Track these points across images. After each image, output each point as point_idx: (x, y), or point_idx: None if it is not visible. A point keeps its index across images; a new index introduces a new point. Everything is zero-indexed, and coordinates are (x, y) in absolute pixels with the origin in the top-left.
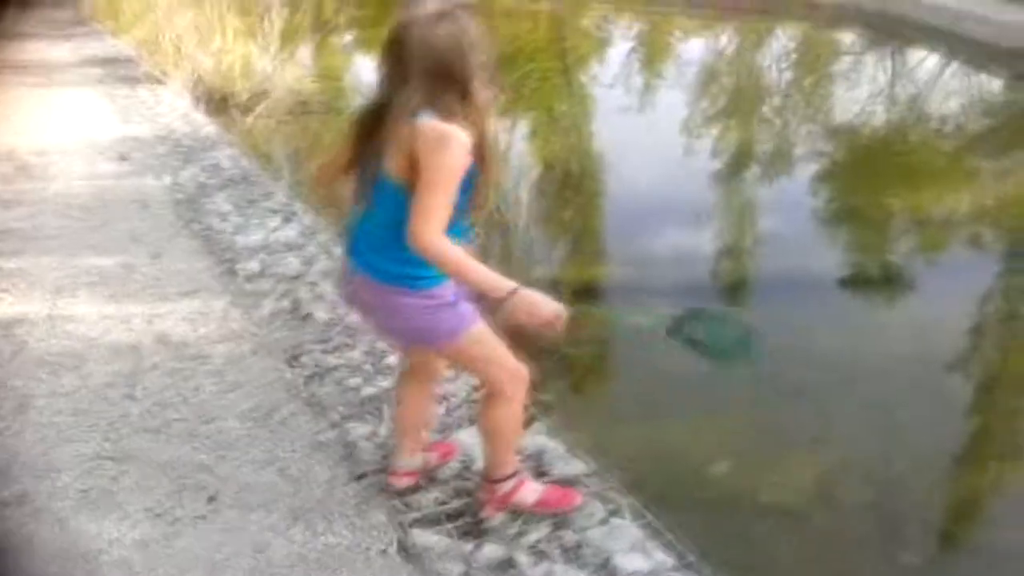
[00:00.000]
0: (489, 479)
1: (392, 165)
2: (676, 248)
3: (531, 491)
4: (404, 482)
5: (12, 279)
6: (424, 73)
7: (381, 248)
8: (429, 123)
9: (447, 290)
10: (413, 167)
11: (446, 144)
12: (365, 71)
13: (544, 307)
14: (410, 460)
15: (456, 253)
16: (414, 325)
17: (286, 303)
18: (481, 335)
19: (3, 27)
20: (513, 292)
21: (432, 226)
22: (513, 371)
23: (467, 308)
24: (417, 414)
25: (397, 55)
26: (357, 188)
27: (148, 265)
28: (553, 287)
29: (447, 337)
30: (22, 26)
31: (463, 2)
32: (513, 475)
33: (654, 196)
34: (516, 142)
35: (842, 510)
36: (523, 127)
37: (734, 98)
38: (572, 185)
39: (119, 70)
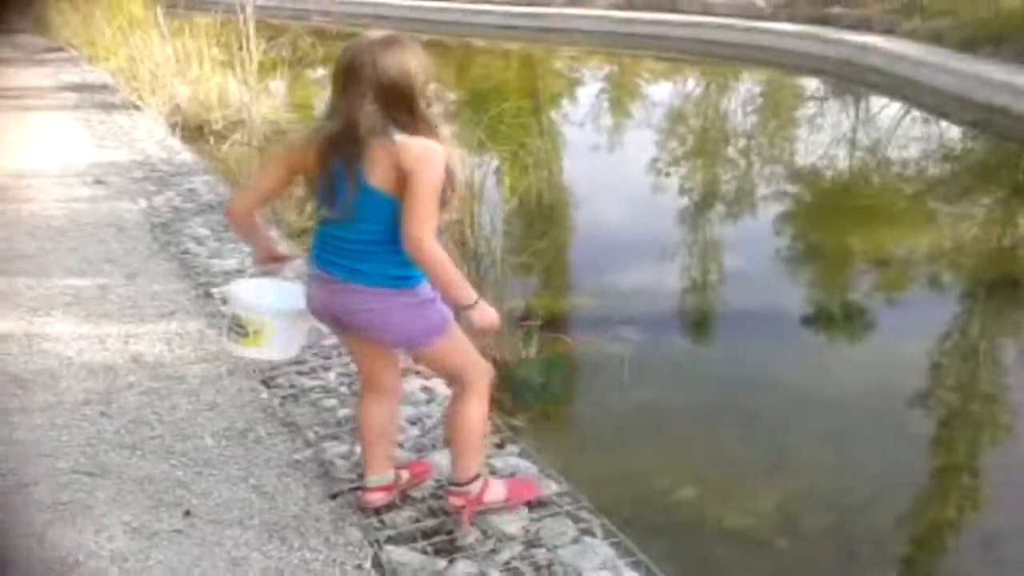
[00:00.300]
0: (457, 483)
1: (378, 179)
2: (642, 281)
3: (498, 488)
4: (377, 499)
5: None
6: (379, 95)
7: (370, 254)
8: (412, 140)
9: (427, 288)
10: (400, 180)
11: (433, 158)
12: None
13: (495, 318)
14: (380, 477)
15: (446, 256)
16: (402, 323)
17: None
18: (458, 332)
19: None
20: (478, 300)
21: (428, 231)
22: (483, 367)
23: (444, 306)
24: (380, 429)
25: (351, 79)
26: (332, 204)
27: (124, 286)
28: (523, 316)
29: (432, 334)
30: None
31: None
32: (476, 477)
33: (622, 231)
34: (489, 177)
35: (803, 536)
36: (496, 163)
37: (700, 139)
38: (543, 219)
39: (96, 96)
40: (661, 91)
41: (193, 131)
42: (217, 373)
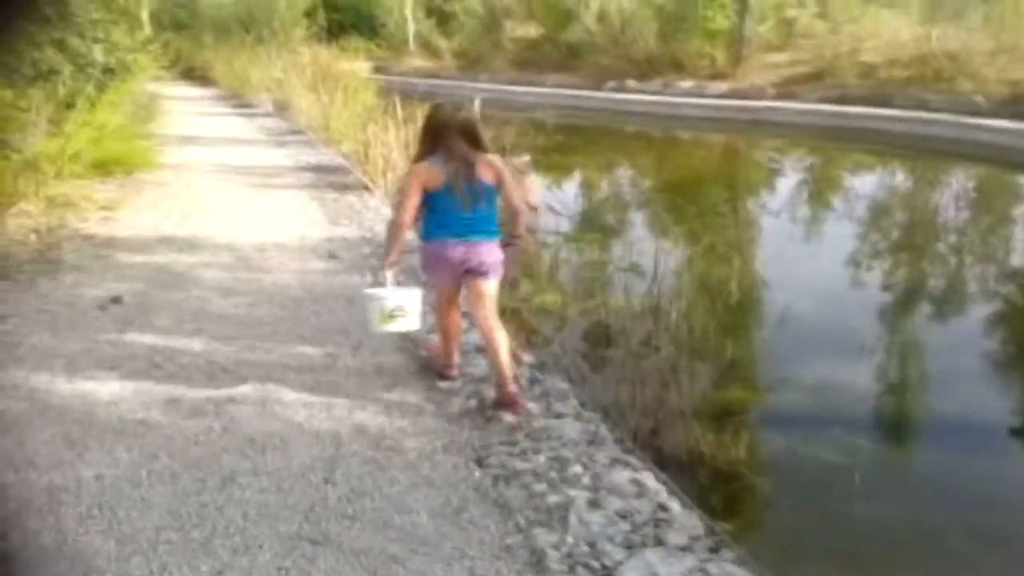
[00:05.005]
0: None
1: (490, 180)
2: (850, 380)
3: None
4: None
5: (226, 361)
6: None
7: (489, 221)
8: (493, 158)
9: None
10: (496, 178)
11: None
12: (543, 187)
13: None
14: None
15: None
16: (499, 259)
17: (474, 403)
18: None
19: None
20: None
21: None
22: None
23: None
24: (459, 332)
25: (460, 134)
26: (465, 201)
27: (350, 356)
28: (705, 406)
29: (501, 265)
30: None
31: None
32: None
33: (824, 326)
34: (684, 265)
35: None
36: (691, 251)
37: (905, 233)
38: (739, 310)
39: (330, 177)
40: (865, 183)
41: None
42: (433, 448)
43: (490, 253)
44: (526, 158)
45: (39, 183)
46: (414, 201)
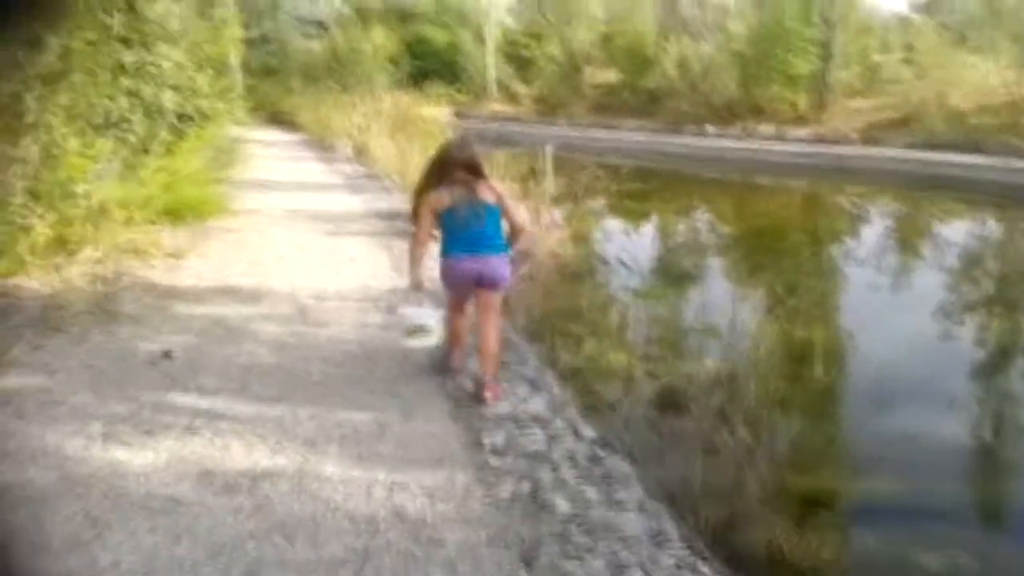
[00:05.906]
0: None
1: (491, 200)
2: (939, 462)
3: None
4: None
5: (268, 427)
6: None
7: (495, 237)
8: (495, 184)
9: None
10: (499, 200)
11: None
12: (615, 236)
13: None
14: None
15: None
16: (507, 272)
17: (526, 486)
18: None
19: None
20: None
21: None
22: None
23: None
24: (464, 335)
25: (463, 166)
26: (469, 219)
27: (399, 423)
28: (786, 494)
29: (509, 277)
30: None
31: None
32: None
33: (912, 397)
34: (763, 325)
35: None
36: (772, 310)
37: (1009, 291)
38: (818, 378)
39: (399, 223)
40: (962, 235)
41: None
42: (476, 540)
43: (499, 266)
44: (600, 203)
45: (107, 230)
46: (426, 224)
